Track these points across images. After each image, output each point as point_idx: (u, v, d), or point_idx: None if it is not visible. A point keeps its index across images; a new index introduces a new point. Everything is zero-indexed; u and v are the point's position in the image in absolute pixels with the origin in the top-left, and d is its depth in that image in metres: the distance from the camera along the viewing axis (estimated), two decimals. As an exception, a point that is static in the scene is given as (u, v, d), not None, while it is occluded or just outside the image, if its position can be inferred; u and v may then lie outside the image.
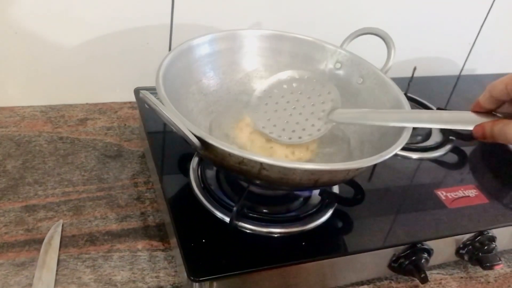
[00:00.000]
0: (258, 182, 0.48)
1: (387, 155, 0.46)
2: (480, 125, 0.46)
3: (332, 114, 0.56)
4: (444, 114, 0.50)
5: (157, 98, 0.46)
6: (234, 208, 0.51)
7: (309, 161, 0.57)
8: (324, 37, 0.66)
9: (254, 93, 0.60)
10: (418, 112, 0.50)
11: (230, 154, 0.44)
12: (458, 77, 1.02)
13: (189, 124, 0.45)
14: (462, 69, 1.04)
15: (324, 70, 0.65)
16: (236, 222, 0.52)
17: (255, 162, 0.44)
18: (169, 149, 0.65)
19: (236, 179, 0.58)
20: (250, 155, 0.43)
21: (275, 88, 0.60)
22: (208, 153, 0.46)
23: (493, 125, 0.45)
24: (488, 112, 0.47)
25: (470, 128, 0.47)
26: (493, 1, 0.95)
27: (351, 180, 0.56)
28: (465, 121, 0.48)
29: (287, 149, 0.57)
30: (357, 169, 0.47)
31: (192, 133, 0.44)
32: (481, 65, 1.05)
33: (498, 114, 0.47)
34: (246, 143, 0.58)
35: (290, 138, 0.56)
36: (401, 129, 0.51)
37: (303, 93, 0.59)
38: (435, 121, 0.51)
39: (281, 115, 0.58)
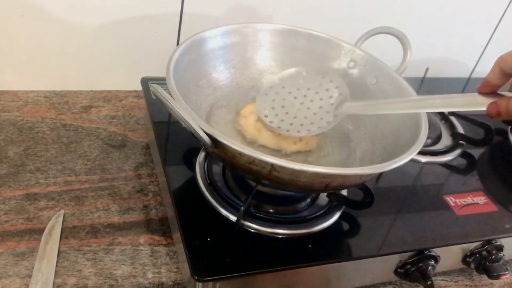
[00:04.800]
0: (267, 182, 0.47)
1: (401, 161, 0.45)
2: (495, 103, 0.45)
3: (341, 107, 0.56)
4: (456, 98, 0.49)
5: (165, 89, 0.44)
6: (242, 208, 0.50)
7: (317, 147, 0.58)
8: (334, 35, 0.64)
9: (261, 90, 0.60)
10: (429, 98, 0.49)
11: (240, 154, 0.43)
12: (468, 80, 1.01)
13: (201, 122, 0.43)
14: (472, 72, 1.02)
15: (338, 68, 0.63)
16: (243, 222, 0.51)
17: (266, 163, 0.42)
18: (175, 141, 0.63)
19: (244, 177, 0.56)
20: (261, 155, 0.42)
21: (281, 85, 0.60)
22: (218, 151, 0.45)
23: (509, 101, 0.44)
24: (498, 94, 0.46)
25: (483, 108, 0.46)
26: (508, 4, 0.93)
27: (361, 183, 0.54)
28: (478, 102, 0.47)
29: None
30: (370, 174, 0.46)
31: (204, 131, 0.43)
32: (492, 68, 1.03)
33: (508, 94, 0.46)
34: (253, 133, 0.57)
35: (298, 132, 0.56)
36: (416, 133, 0.50)
37: (311, 88, 0.58)
38: (448, 105, 0.50)
39: (289, 110, 0.58)
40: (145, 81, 0.68)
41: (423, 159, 0.70)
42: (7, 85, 0.72)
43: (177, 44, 0.76)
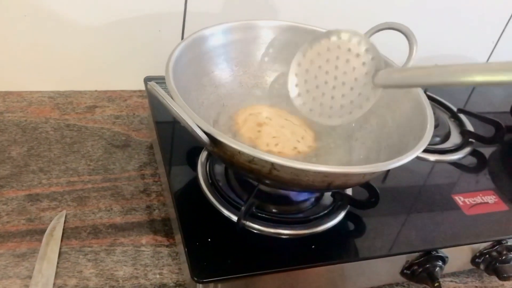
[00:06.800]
0: (268, 182, 0.46)
1: (405, 159, 0.44)
2: None
3: (377, 76, 0.50)
4: None
5: (165, 88, 0.44)
6: (242, 208, 0.49)
7: (296, 155, 0.55)
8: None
9: (290, 71, 0.55)
10: (486, 64, 0.42)
11: (240, 152, 0.42)
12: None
13: (198, 119, 0.42)
14: (483, 68, 1.00)
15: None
16: (244, 222, 0.50)
17: (266, 161, 0.41)
18: (178, 141, 0.63)
19: (246, 177, 0.55)
20: (261, 154, 0.41)
21: (310, 60, 0.54)
22: (217, 150, 0.44)
23: None
24: None
25: None
26: (520, -1, 0.91)
27: (365, 182, 0.53)
28: None
29: (272, 139, 0.56)
30: (373, 173, 0.45)
31: (201, 129, 0.42)
32: (503, 65, 1.01)
33: None
34: (241, 124, 0.56)
35: (340, 116, 0.51)
36: (421, 132, 0.49)
37: (340, 57, 0.52)
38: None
39: (324, 90, 0.52)
40: (148, 80, 0.68)
41: (432, 157, 0.68)
42: (12, 86, 0.72)
43: (181, 43, 0.75)
